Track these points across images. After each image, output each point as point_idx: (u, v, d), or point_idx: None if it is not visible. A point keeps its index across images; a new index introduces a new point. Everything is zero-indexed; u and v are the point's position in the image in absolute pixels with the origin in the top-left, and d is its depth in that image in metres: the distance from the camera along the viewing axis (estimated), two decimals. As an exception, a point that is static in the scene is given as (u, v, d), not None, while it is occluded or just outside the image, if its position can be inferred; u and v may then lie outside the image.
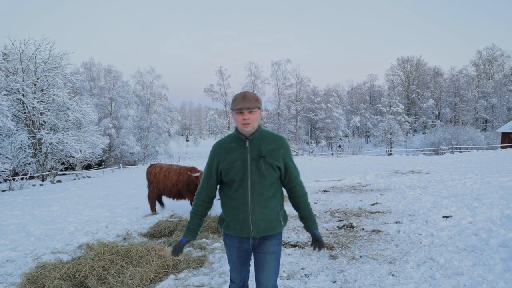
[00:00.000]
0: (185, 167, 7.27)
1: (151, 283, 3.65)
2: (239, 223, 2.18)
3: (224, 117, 56.49)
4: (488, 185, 8.29)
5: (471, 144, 36.66)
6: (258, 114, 2.13)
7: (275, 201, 2.20)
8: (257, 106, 2.10)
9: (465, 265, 3.61)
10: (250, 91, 2.18)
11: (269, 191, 2.16)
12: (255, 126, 2.13)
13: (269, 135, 2.21)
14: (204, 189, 2.31)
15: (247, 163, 2.12)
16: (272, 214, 2.19)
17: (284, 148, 2.19)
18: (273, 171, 2.14)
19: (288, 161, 2.19)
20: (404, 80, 64.80)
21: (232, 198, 2.18)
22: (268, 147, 2.15)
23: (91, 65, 42.39)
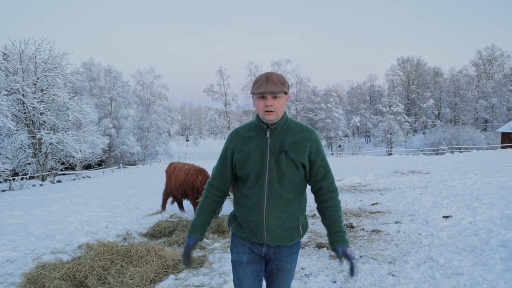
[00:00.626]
0: (195, 167, 7.11)
1: (151, 283, 3.65)
2: (251, 226, 1.87)
3: (224, 117, 56.49)
4: (488, 185, 8.29)
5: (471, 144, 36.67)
6: (283, 100, 1.80)
7: (295, 205, 1.86)
8: (283, 90, 1.76)
9: (465, 265, 3.61)
10: (275, 72, 1.82)
11: (289, 192, 1.82)
12: (280, 115, 1.80)
13: (296, 126, 1.87)
14: (216, 182, 1.98)
15: (266, 157, 1.81)
16: (291, 221, 1.86)
17: (311, 141, 1.83)
18: (295, 169, 1.81)
19: (315, 157, 1.83)
20: (404, 80, 64.82)
21: (246, 196, 1.87)
22: (291, 139, 1.81)
23: (91, 65, 42.40)
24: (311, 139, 1.84)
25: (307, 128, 1.89)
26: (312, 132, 1.87)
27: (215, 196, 1.99)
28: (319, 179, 1.87)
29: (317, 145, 1.85)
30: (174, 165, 7.55)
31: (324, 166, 1.87)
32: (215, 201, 2.00)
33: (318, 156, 1.85)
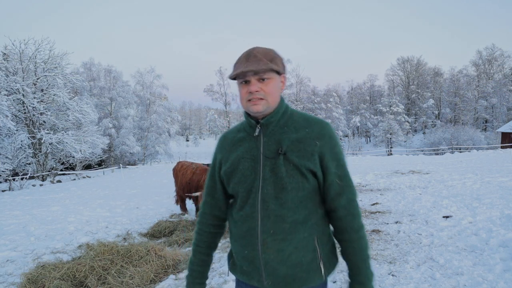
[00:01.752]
0: (202, 167, 7.00)
1: (151, 283, 3.65)
2: (246, 263, 1.34)
3: (224, 117, 56.49)
4: (488, 185, 8.29)
5: (471, 144, 36.67)
6: (275, 83, 1.28)
7: (307, 229, 1.28)
8: (272, 68, 1.23)
9: (465, 265, 3.60)
10: (262, 47, 1.30)
11: (294, 212, 1.26)
12: (272, 103, 1.28)
13: (300, 118, 1.34)
14: (207, 206, 1.48)
15: (258, 164, 1.29)
16: (301, 254, 1.27)
17: (323, 139, 1.28)
18: (300, 177, 1.25)
19: (328, 162, 1.27)
20: (404, 80, 64.81)
21: (236, 222, 1.36)
22: (292, 136, 1.28)
23: (91, 65, 42.39)
24: (323, 135, 1.29)
25: (317, 120, 1.33)
26: (324, 125, 1.31)
27: (210, 226, 1.48)
28: (333, 196, 1.29)
29: (331, 144, 1.29)
30: (181, 164, 7.49)
31: (341, 176, 1.29)
32: (210, 233, 1.48)
33: (333, 161, 1.28)
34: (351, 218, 1.31)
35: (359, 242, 1.31)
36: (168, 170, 24.65)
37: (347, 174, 1.33)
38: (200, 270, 1.49)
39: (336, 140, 1.32)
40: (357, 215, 1.32)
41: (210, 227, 1.48)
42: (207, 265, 1.51)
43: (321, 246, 1.32)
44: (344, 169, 1.33)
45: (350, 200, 1.31)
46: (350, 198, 1.31)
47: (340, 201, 1.30)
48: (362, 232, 1.33)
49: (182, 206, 7.45)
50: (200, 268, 1.49)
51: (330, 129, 1.32)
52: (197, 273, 1.49)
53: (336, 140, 1.31)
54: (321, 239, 1.33)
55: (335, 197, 1.30)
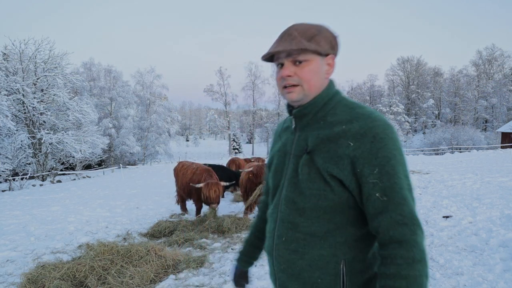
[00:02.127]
0: (202, 167, 6.92)
1: (151, 283, 3.65)
2: (268, 262, 1.22)
3: (224, 117, 56.49)
4: (488, 185, 8.29)
5: (471, 144, 36.66)
6: (316, 66, 1.07)
7: (327, 248, 1.05)
8: (306, 48, 1.03)
9: (465, 265, 3.61)
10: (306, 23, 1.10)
11: (312, 223, 1.06)
12: (310, 92, 1.09)
13: (343, 110, 1.08)
14: (265, 193, 1.41)
15: (287, 160, 1.15)
16: (317, 274, 1.06)
17: (362, 139, 1.00)
18: (323, 184, 1.03)
19: (364, 169, 0.99)
20: (404, 80, 64.81)
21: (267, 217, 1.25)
22: (324, 132, 1.06)
23: (91, 65, 42.39)
24: (363, 134, 1.00)
25: (364, 113, 1.04)
26: (370, 121, 1.01)
27: (262, 212, 1.43)
28: (372, 214, 1.00)
29: (374, 147, 0.98)
30: (182, 164, 7.44)
31: (385, 189, 0.98)
32: (261, 219, 1.43)
33: (372, 168, 0.98)
34: (395, 247, 0.95)
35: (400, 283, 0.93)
36: (168, 170, 24.65)
37: (396, 187, 0.97)
38: (248, 249, 1.48)
39: (385, 142, 0.99)
40: (405, 245, 0.94)
41: (262, 213, 1.44)
42: (255, 247, 1.46)
43: (349, 274, 1.04)
44: (392, 179, 0.97)
45: (395, 223, 0.96)
46: (396, 220, 0.96)
47: (380, 222, 0.98)
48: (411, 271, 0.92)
49: (182, 206, 7.45)
50: (248, 248, 1.48)
51: (378, 126, 1.00)
52: (245, 250, 1.49)
53: (385, 141, 0.99)
54: (352, 265, 1.05)
55: (375, 216, 0.99)
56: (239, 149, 58.19)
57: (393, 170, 0.98)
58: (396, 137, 1.02)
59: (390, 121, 1.04)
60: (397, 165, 0.99)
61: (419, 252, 0.94)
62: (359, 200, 1.03)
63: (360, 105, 1.08)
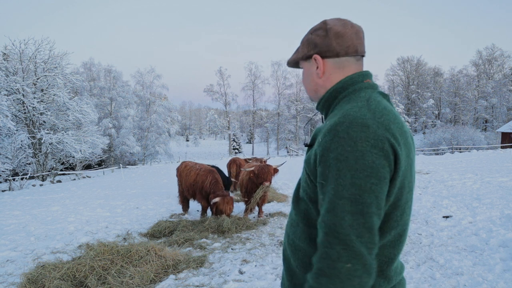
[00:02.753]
0: (206, 168, 6.84)
1: (151, 283, 3.65)
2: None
3: (224, 117, 56.49)
4: (488, 185, 8.29)
5: (471, 144, 36.65)
6: (308, 69, 1.12)
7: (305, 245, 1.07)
8: (294, 60, 1.13)
9: (465, 265, 3.61)
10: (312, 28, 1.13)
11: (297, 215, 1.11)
12: (310, 94, 1.15)
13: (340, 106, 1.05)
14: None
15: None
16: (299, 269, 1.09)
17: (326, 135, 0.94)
18: (307, 178, 1.05)
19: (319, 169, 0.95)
20: (404, 80, 64.82)
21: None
22: (318, 128, 1.08)
23: (91, 65, 42.45)
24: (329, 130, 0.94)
25: (348, 108, 0.97)
26: (342, 116, 0.94)
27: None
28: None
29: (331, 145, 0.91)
30: (185, 164, 7.40)
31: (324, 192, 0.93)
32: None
33: (323, 168, 0.93)
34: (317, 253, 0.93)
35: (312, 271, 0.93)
36: (168, 170, 24.63)
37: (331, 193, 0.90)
38: None
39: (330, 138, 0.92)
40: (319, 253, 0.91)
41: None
42: None
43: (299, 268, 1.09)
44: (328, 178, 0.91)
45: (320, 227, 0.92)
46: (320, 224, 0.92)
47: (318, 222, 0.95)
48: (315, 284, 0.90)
49: (184, 206, 7.45)
50: None
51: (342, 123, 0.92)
52: None
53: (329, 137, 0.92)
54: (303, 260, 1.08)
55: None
56: (239, 149, 58.18)
57: (338, 174, 0.89)
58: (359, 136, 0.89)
59: (367, 120, 0.91)
60: (344, 169, 0.88)
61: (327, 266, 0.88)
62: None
63: (358, 103, 0.99)
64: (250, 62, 56.77)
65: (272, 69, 54.22)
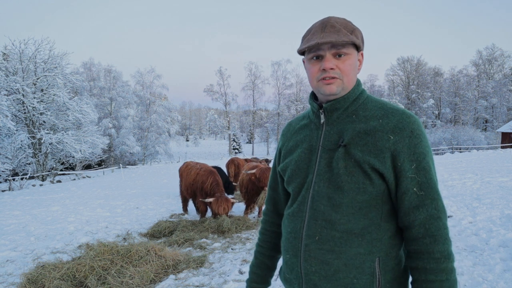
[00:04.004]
0: (206, 168, 6.77)
1: (151, 283, 3.65)
2: (287, 270, 1.16)
3: (224, 117, 56.49)
4: (488, 185, 8.28)
5: (471, 144, 36.65)
6: (353, 61, 1.08)
7: (364, 245, 1.03)
8: (353, 41, 1.04)
9: (465, 265, 3.60)
10: (339, 17, 1.10)
11: (349, 219, 1.03)
12: (348, 85, 1.08)
13: (375, 106, 1.09)
14: (270, 202, 1.33)
15: (315, 155, 1.11)
16: (352, 273, 1.03)
17: (400, 133, 1.01)
18: (363, 177, 1.02)
19: (404, 163, 1.00)
20: (404, 80, 64.80)
21: (284, 221, 1.20)
22: (359, 126, 1.06)
23: (91, 65, 42.42)
24: (401, 128, 1.01)
25: (397, 109, 1.06)
26: (406, 117, 1.03)
27: (273, 224, 1.32)
28: (408, 208, 1.01)
29: (412, 141, 1.01)
30: (187, 164, 7.38)
31: (421, 184, 1.00)
32: (274, 232, 1.32)
33: (411, 163, 1.00)
34: (431, 241, 0.98)
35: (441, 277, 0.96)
36: (168, 170, 24.64)
37: (431, 183, 1.00)
38: (260, 274, 1.32)
39: (421, 137, 1.02)
40: (441, 239, 0.98)
41: (273, 225, 1.32)
42: (268, 269, 1.33)
43: (384, 271, 1.03)
44: (428, 175, 1.00)
45: (431, 217, 0.98)
46: (432, 214, 0.99)
47: (416, 217, 1.00)
48: (448, 264, 0.97)
49: (184, 206, 7.45)
50: (261, 272, 1.32)
51: (413, 122, 1.03)
52: (256, 277, 1.32)
53: (420, 137, 1.02)
54: (386, 263, 1.04)
55: (411, 210, 1.01)
56: (239, 149, 58.18)
57: (428, 166, 1.01)
58: (426, 133, 1.06)
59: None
60: (430, 161, 1.02)
61: (450, 244, 0.99)
62: (394, 194, 1.04)
63: (388, 102, 1.11)
64: (250, 62, 56.84)
65: (272, 69, 54.27)
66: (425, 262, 0.98)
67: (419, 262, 0.99)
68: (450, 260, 0.97)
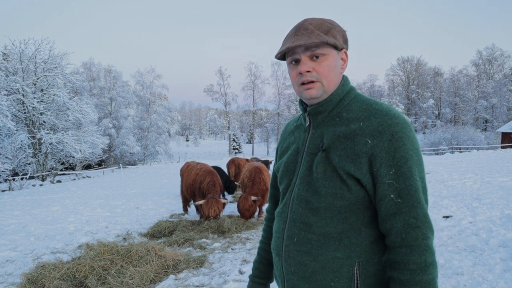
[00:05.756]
0: (206, 168, 6.74)
1: (151, 283, 3.65)
2: (275, 266, 1.19)
3: (224, 117, 56.48)
4: (488, 185, 8.28)
5: (471, 144, 36.64)
6: (333, 61, 1.04)
7: (341, 250, 1.01)
8: (326, 41, 1.00)
9: (465, 265, 3.60)
10: (316, 17, 1.07)
11: (326, 223, 1.02)
12: (329, 87, 1.06)
13: (360, 107, 1.06)
14: (272, 200, 1.37)
15: (300, 158, 1.12)
16: (329, 277, 1.02)
17: (380, 136, 0.98)
18: (339, 183, 1.00)
19: (381, 168, 0.97)
20: (404, 80, 64.81)
21: (275, 217, 1.22)
22: (340, 129, 1.04)
23: (91, 65, 42.42)
24: (381, 132, 0.98)
25: (383, 110, 1.02)
26: (388, 118, 0.99)
27: (270, 221, 1.38)
28: (385, 215, 0.98)
29: (392, 145, 0.96)
30: (188, 164, 7.36)
31: (399, 191, 0.96)
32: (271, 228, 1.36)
33: (389, 168, 0.96)
34: (407, 252, 0.94)
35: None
36: (168, 170, 24.65)
37: (412, 190, 0.95)
38: (262, 269, 1.35)
39: (403, 140, 0.96)
40: (418, 249, 0.93)
41: (270, 222, 1.36)
42: (270, 265, 1.34)
43: (363, 277, 1.01)
44: (409, 181, 0.95)
45: (408, 226, 0.94)
46: (409, 223, 0.94)
47: (393, 225, 0.96)
48: (424, 277, 0.92)
49: (184, 206, 7.45)
50: (263, 267, 1.35)
51: (396, 124, 0.97)
52: (259, 272, 1.35)
53: (403, 140, 0.96)
54: (366, 268, 1.01)
55: (388, 218, 0.97)
56: (239, 149, 58.18)
57: (409, 171, 0.96)
58: (414, 136, 0.99)
59: (408, 119, 0.99)
60: (413, 166, 0.97)
61: (430, 255, 0.94)
62: (374, 200, 1.01)
63: (376, 101, 1.06)
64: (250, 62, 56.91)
65: (272, 69, 54.27)
66: (400, 273, 0.95)
67: (395, 272, 0.96)
68: (428, 273, 0.92)
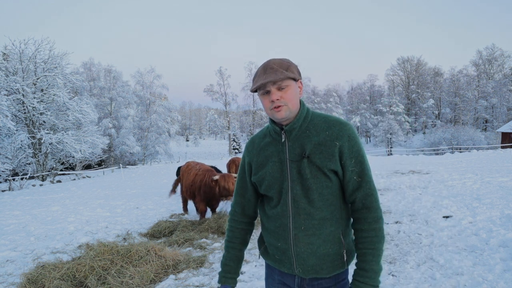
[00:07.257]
0: (204, 168, 6.72)
1: (151, 283, 3.65)
2: (277, 253, 1.51)
3: (224, 117, 56.47)
4: (488, 185, 8.28)
5: (471, 144, 36.64)
6: (294, 89, 1.41)
7: (333, 225, 1.43)
8: (289, 76, 1.36)
9: (465, 265, 3.60)
10: (276, 58, 1.44)
11: (321, 209, 1.41)
12: (293, 109, 1.41)
13: (321, 121, 1.45)
14: (239, 206, 1.65)
15: (285, 166, 1.44)
16: (328, 246, 1.43)
17: (342, 139, 1.39)
18: (324, 178, 1.39)
19: (347, 160, 1.39)
20: (404, 80, 64.80)
21: (269, 218, 1.52)
22: (314, 139, 1.41)
23: (91, 65, 42.41)
24: (342, 135, 1.39)
25: (337, 121, 1.44)
26: (343, 126, 1.42)
27: (242, 223, 1.65)
28: (351, 191, 1.42)
29: (350, 143, 1.39)
30: (187, 164, 7.32)
31: (359, 173, 1.40)
32: (242, 230, 1.65)
33: (351, 159, 1.39)
34: (366, 211, 1.41)
35: (371, 234, 1.40)
36: (168, 170, 24.64)
37: (365, 171, 1.42)
38: (233, 266, 1.63)
39: (355, 140, 1.41)
40: (373, 208, 1.41)
41: (242, 224, 1.66)
42: (239, 261, 1.65)
43: (345, 238, 1.47)
44: (363, 166, 1.41)
45: (366, 195, 1.41)
46: (367, 193, 1.41)
47: (357, 195, 1.41)
48: (377, 225, 1.40)
49: (184, 206, 7.44)
50: (233, 264, 1.63)
51: (349, 129, 1.42)
52: (229, 268, 1.63)
53: (355, 139, 1.41)
54: (345, 232, 1.48)
55: (353, 192, 1.42)
56: (239, 149, 58.16)
57: (362, 159, 1.42)
58: (358, 136, 1.45)
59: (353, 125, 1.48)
60: (364, 155, 1.43)
61: (380, 212, 1.42)
62: (343, 182, 1.43)
63: (328, 115, 1.49)
64: (250, 62, 56.72)
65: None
66: (362, 225, 1.41)
67: (358, 225, 1.43)
68: (379, 222, 1.40)
